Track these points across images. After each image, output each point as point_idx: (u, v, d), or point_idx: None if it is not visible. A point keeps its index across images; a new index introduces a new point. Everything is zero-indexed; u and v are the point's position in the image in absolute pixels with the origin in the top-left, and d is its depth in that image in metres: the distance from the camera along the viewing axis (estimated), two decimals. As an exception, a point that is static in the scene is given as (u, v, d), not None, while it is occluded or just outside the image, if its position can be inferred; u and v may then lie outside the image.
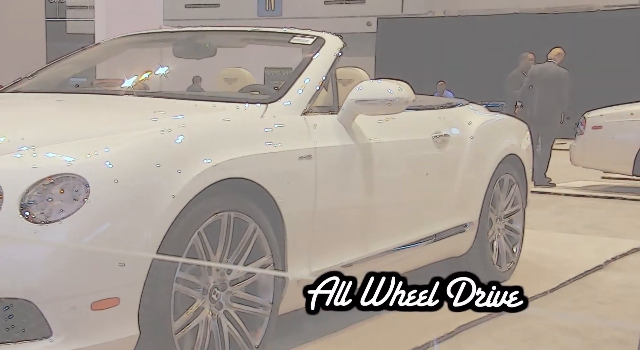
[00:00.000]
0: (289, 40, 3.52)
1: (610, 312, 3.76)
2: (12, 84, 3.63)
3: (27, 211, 2.12)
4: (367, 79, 3.46)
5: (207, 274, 2.47)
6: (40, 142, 2.35)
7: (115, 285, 2.18)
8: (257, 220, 2.58)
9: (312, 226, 2.84)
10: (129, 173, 2.26)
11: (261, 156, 2.65)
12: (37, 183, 2.15)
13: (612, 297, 4.03)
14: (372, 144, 3.21)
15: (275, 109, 2.92)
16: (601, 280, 4.38)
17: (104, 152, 2.28)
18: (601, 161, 8.49)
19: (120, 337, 2.21)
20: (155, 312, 2.26)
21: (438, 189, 3.77)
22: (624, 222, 6.60)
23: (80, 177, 2.17)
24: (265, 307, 2.65)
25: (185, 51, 3.92)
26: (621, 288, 4.21)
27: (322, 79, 3.16)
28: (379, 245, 3.27)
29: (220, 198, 2.46)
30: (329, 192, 2.93)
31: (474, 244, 3.99)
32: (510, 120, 4.69)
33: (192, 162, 2.38)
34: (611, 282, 4.33)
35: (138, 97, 3.27)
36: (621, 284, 4.30)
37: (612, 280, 4.37)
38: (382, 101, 3.05)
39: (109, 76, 4.17)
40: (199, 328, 2.43)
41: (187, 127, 2.57)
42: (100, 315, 2.16)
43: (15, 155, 2.28)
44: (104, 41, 4.14)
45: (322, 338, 3.09)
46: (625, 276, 4.48)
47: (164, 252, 2.25)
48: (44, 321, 2.11)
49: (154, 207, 2.25)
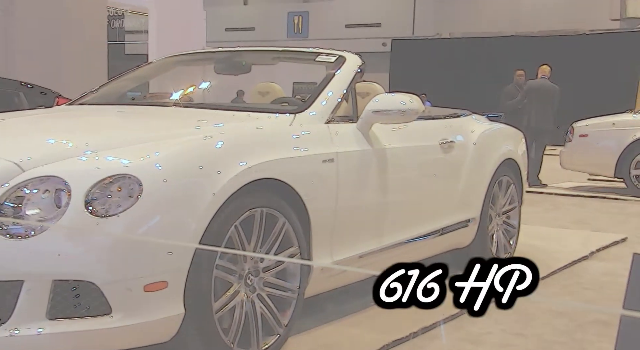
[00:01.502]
0: (315, 58, 3.53)
1: (595, 297, 3.74)
2: (79, 97, 3.67)
3: (90, 206, 2.14)
4: (383, 92, 3.45)
5: (243, 261, 2.47)
6: (101, 147, 2.38)
7: (164, 271, 2.19)
8: (286, 215, 2.59)
9: (333, 220, 2.84)
10: (176, 173, 2.27)
11: (290, 159, 2.65)
12: (99, 182, 2.17)
13: (596, 283, 4.01)
14: (387, 149, 3.20)
15: (302, 118, 2.92)
16: (586, 269, 4.38)
17: (154, 155, 2.30)
18: (587, 165, 8.49)
19: (168, 315, 2.22)
20: (198, 294, 2.27)
21: (444, 189, 3.75)
22: (606, 218, 6.58)
23: (135, 177, 2.19)
24: (293, 291, 2.65)
25: (224, 68, 3.94)
26: (604, 276, 4.19)
27: (343, 92, 3.16)
28: (392, 237, 3.26)
29: (254, 196, 2.47)
30: (348, 191, 2.93)
31: (475, 237, 3.97)
32: (508, 129, 4.66)
33: (230, 164, 2.39)
34: (595, 271, 4.31)
35: (184, 108, 3.30)
36: (604, 272, 4.28)
37: (596, 269, 4.36)
38: (396, 111, 3.05)
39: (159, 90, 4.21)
40: (235, 308, 2.43)
41: (226, 134, 2.58)
42: (151, 296, 2.17)
43: (81, 158, 2.31)
44: (156, 60, 4.17)
45: (341, 318, 3.09)
46: (607, 265, 4.46)
47: (206, 242, 2.26)
48: (104, 300, 2.12)
49: (197, 203, 2.27)
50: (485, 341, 2.92)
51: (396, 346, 2.81)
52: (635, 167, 7.90)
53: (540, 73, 9.03)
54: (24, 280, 2.10)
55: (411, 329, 2.94)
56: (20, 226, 2.12)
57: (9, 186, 2.18)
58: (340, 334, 2.89)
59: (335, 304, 3.21)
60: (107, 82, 3.91)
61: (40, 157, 2.29)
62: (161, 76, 4.01)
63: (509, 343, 2.92)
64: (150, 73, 4.11)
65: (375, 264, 3.13)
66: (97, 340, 2.16)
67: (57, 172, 2.21)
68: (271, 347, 2.55)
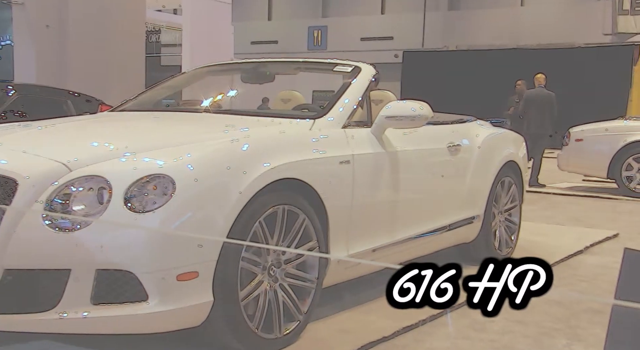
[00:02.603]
0: (332, 68, 3.52)
1: (588, 287, 3.71)
2: (119, 104, 3.69)
3: (129, 203, 2.15)
4: (395, 99, 3.43)
5: (266, 254, 2.47)
6: (139, 149, 2.39)
7: (195, 262, 2.19)
8: (306, 212, 2.58)
9: (349, 217, 2.83)
10: (206, 173, 2.27)
11: (309, 161, 2.64)
12: (137, 181, 2.18)
13: (590, 275, 3.97)
14: (399, 152, 3.18)
15: (321, 123, 2.91)
16: (581, 262, 4.33)
17: (187, 157, 2.30)
18: (582, 167, 8.45)
19: (198, 302, 2.22)
20: (225, 284, 2.27)
21: (451, 188, 3.72)
22: (599, 216, 6.52)
23: (169, 176, 2.19)
24: (312, 281, 2.64)
25: (250, 78, 3.94)
26: (597, 268, 4.15)
27: (359, 99, 3.15)
28: (404, 233, 3.24)
29: (277, 194, 2.46)
30: (363, 190, 2.91)
31: (480, 232, 3.93)
32: (510, 134, 4.61)
33: (254, 165, 2.39)
34: (589, 264, 4.27)
35: (213, 114, 3.30)
36: (597, 265, 4.24)
37: (590, 262, 4.31)
38: (407, 117, 3.03)
39: (191, 98, 4.22)
40: (259, 297, 2.43)
41: (251, 138, 2.57)
42: (183, 284, 2.17)
43: (121, 159, 2.32)
44: (188, 71, 4.18)
45: (356, 306, 3.08)
46: (600, 259, 4.41)
47: (233, 236, 2.26)
48: (142, 288, 2.13)
49: (225, 200, 2.26)
50: (488, 328, 2.90)
51: (406, 332, 2.79)
52: (626, 169, 7.91)
53: (537, 82, 9.04)
54: (71, 269, 2.12)
55: (420, 317, 2.92)
56: (68, 220, 2.14)
57: (58, 184, 2.20)
58: (356, 321, 2.88)
59: (351, 293, 3.20)
60: (145, 90, 3.92)
61: (86, 158, 2.31)
62: (193, 85, 4.03)
63: (510, 330, 2.89)
64: (183, 82, 4.13)
65: (387, 257, 3.11)
66: (135, 323, 2.17)
67: (100, 172, 2.22)
68: (292, 332, 2.54)
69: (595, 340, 2.76)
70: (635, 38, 18.56)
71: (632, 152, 7.81)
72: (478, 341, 2.74)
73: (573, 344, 2.74)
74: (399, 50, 22.85)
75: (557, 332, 2.88)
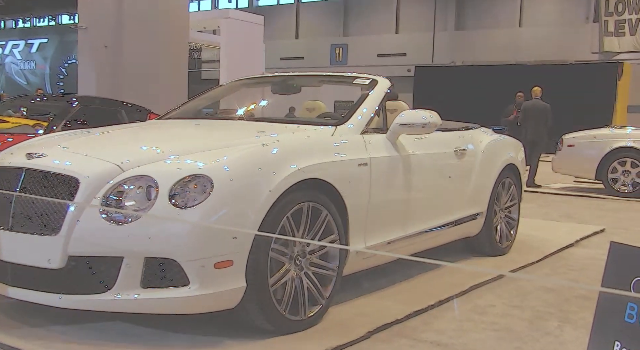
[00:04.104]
0: (352, 81, 3.50)
1: (578, 276, 3.66)
2: (165, 113, 3.71)
3: (173, 199, 2.16)
4: (408, 109, 3.40)
5: (293, 246, 2.46)
6: (182, 152, 2.40)
7: (230, 252, 2.20)
8: (328, 209, 2.56)
9: (367, 213, 2.81)
10: (240, 174, 2.27)
11: (331, 163, 2.62)
12: (180, 180, 2.19)
13: (580, 266, 3.91)
14: (411, 155, 3.15)
15: (342, 129, 2.89)
16: (572, 254, 4.27)
17: (223, 159, 2.31)
18: (573, 169, 8.43)
19: (233, 287, 2.23)
20: (257, 271, 2.27)
21: (457, 188, 3.68)
22: (589, 213, 6.43)
23: (208, 176, 2.20)
24: (333, 270, 2.63)
25: (279, 89, 3.94)
26: (586, 259, 4.09)
27: (376, 108, 3.12)
28: (415, 227, 3.21)
29: (302, 192, 2.45)
30: (379, 189, 2.89)
31: (483, 227, 3.88)
32: (510, 140, 4.54)
33: (283, 166, 2.38)
34: (579, 255, 4.21)
35: (247, 122, 3.30)
36: (586, 256, 4.18)
37: (580, 254, 4.25)
38: (419, 124, 3.01)
39: (228, 107, 4.23)
40: (287, 283, 2.42)
41: (280, 142, 2.57)
42: (220, 272, 2.18)
43: (166, 161, 2.33)
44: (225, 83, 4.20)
45: (372, 292, 3.05)
46: (589, 251, 4.35)
47: (263, 230, 2.25)
48: (184, 274, 2.14)
49: (256, 198, 2.26)
50: (489, 312, 2.86)
51: (417, 316, 2.76)
52: (611, 171, 7.90)
53: (533, 94, 9.05)
54: (123, 257, 2.14)
55: (428, 302, 2.89)
56: (121, 214, 2.16)
57: (112, 183, 2.23)
58: (373, 305, 2.86)
59: (368, 280, 3.18)
60: (187, 101, 3.94)
61: (136, 160, 2.33)
62: (229, 96, 4.04)
63: (508, 313, 2.85)
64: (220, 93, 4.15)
65: (401, 249, 3.09)
66: (178, 305, 2.18)
67: (148, 172, 2.24)
68: (315, 314, 2.53)
69: (584, 323, 2.74)
70: (619, 56, 18.77)
71: (617, 156, 7.84)
72: (480, 323, 2.71)
73: (564, 326, 2.72)
74: (411, 65, 22.73)
75: (550, 316, 2.85)
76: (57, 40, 27.98)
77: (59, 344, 2.24)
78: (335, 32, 27.00)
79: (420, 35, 24.80)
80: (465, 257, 3.98)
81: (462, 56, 22.96)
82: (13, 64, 29.78)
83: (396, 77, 7.71)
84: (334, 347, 2.32)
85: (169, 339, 2.33)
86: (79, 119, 5.40)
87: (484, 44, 23.45)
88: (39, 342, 2.26)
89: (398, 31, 25.92)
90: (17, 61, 29.71)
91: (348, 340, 2.38)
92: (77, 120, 5.36)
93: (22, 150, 2.58)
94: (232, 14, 17.41)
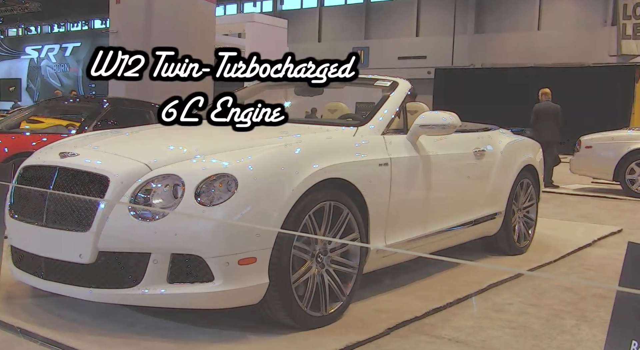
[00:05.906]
0: (374, 83, 3.47)
1: (595, 275, 3.59)
2: (192, 114, 3.72)
3: (199, 197, 2.17)
4: (427, 110, 3.36)
5: (315, 243, 2.45)
6: (207, 152, 2.40)
7: (254, 249, 2.20)
8: (349, 207, 2.55)
9: (387, 212, 2.78)
10: (264, 173, 2.27)
11: (353, 163, 2.61)
12: (205, 179, 2.20)
13: (596, 265, 3.84)
14: (431, 156, 3.11)
15: (363, 130, 2.88)
16: (589, 253, 4.20)
17: (247, 159, 2.31)
18: (591, 170, 8.28)
19: (256, 283, 2.23)
20: (279, 268, 2.26)
21: (476, 188, 3.63)
22: (605, 213, 6.31)
23: (232, 175, 2.20)
24: (354, 267, 2.61)
25: (302, 91, 3.93)
26: (603, 259, 4.02)
27: (396, 110, 3.10)
28: (434, 226, 3.17)
29: (324, 192, 2.44)
30: (399, 189, 2.86)
31: (501, 227, 3.82)
32: (528, 141, 4.47)
33: (305, 166, 2.37)
34: (596, 255, 4.13)
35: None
36: (603, 256, 4.11)
37: (597, 254, 4.18)
38: (438, 126, 2.97)
39: (252, 108, 4.23)
40: (308, 280, 2.41)
41: (303, 143, 2.56)
42: (244, 268, 2.18)
43: (192, 160, 2.34)
44: (250, 85, 4.21)
45: (392, 289, 3.03)
46: (605, 251, 4.27)
47: (286, 228, 2.25)
48: (209, 270, 2.15)
49: (279, 197, 2.26)
50: (506, 310, 2.81)
51: (436, 313, 2.73)
52: (629, 172, 7.75)
53: (545, 96, 8.82)
54: (151, 253, 2.15)
55: (447, 300, 2.86)
56: (149, 212, 2.18)
57: (141, 181, 2.24)
58: (392, 302, 2.83)
59: (388, 278, 3.16)
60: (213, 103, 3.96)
61: (163, 159, 2.34)
62: (253, 97, 4.05)
63: (525, 311, 2.81)
64: (245, 95, 4.16)
65: (420, 247, 3.06)
66: (202, 300, 2.19)
67: (175, 171, 2.25)
68: (336, 311, 2.52)
69: (600, 321, 2.69)
70: (637, 59, 18.38)
71: (634, 158, 7.69)
72: (497, 321, 2.67)
73: (581, 324, 2.67)
74: (431, 67, 22.57)
75: (567, 314, 2.80)
76: (89, 44, 28.46)
77: (90, 335, 2.27)
78: (357, 36, 26.92)
79: (440, 38, 24.59)
80: (483, 256, 3.92)
81: (481, 59, 22.69)
82: (48, 67, 30.43)
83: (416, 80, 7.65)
84: (354, 342, 2.30)
85: (194, 332, 2.34)
86: (109, 120, 5.46)
87: (503, 47, 23.17)
88: (70, 333, 2.28)
89: (418, 34, 25.75)
90: (52, 64, 30.35)
91: (368, 336, 2.37)
92: (107, 120, 5.43)
93: (56, 149, 2.62)
94: (256, 17, 17.50)
